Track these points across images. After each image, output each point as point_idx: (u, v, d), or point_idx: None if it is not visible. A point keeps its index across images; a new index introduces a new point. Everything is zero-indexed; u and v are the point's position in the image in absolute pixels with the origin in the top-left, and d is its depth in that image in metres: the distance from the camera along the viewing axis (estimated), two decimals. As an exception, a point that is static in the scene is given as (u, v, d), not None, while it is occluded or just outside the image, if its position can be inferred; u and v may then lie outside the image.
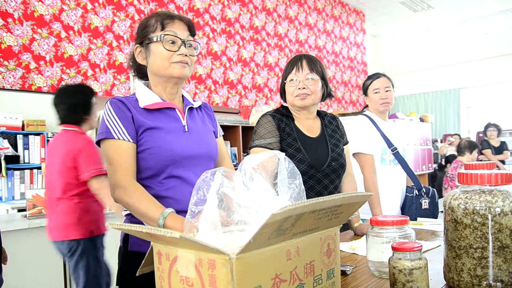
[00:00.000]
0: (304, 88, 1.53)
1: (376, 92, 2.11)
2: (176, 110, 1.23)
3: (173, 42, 1.18)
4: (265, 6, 6.01)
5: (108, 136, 1.12)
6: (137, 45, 1.24)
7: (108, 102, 1.18)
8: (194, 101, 1.33)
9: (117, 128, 1.13)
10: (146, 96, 1.21)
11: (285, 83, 1.60)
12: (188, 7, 5.00)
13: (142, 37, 1.21)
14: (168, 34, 1.17)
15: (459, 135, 7.26)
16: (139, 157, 1.16)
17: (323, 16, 7.10)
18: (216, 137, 1.37)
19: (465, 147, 4.67)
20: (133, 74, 1.33)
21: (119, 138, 1.12)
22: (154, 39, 1.18)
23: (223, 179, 0.71)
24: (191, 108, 1.29)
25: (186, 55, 1.19)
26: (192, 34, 1.24)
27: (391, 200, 2.03)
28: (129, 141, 1.13)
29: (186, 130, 1.22)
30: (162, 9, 4.70)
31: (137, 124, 1.15)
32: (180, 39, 1.18)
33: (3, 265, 1.56)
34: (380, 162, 2.06)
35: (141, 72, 1.30)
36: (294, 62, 1.57)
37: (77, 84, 2.44)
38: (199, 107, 1.35)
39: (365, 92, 2.19)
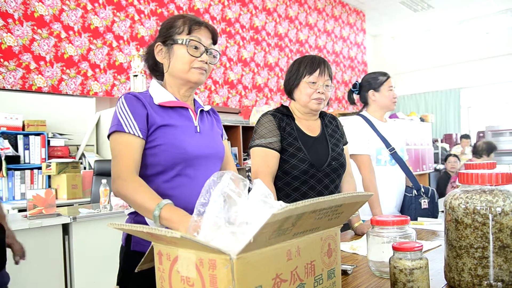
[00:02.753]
0: (323, 93, 1.54)
1: (390, 90, 2.08)
2: (190, 110, 1.25)
3: (196, 48, 1.19)
4: (265, 6, 6.01)
5: (119, 129, 1.13)
6: (159, 43, 1.23)
7: (123, 96, 1.18)
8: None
9: (128, 122, 1.13)
10: (161, 94, 1.22)
11: (300, 81, 1.56)
12: (188, 7, 5.00)
13: (166, 37, 1.21)
14: (193, 40, 1.19)
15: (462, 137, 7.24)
16: (150, 153, 1.16)
17: (323, 16, 7.09)
18: (222, 139, 1.40)
19: (482, 149, 4.33)
20: (146, 70, 1.34)
21: (129, 132, 1.12)
22: (179, 41, 1.19)
23: (230, 183, 0.72)
24: (201, 111, 1.31)
25: (206, 63, 1.21)
26: (214, 42, 1.26)
27: (386, 201, 2.01)
28: (139, 136, 1.13)
29: (198, 130, 1.24)
30: (162, 9, 4.71)
31: (152, 121, 1.16)
32: (204, 46, 1.21)
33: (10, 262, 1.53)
34: (375, 163, 2.04)
35: (155, 70, 1.30)
36: (317, 65, 1.54)
37: None
38: (208, 111, 1.37)
39: (375, 88, 2.10)
